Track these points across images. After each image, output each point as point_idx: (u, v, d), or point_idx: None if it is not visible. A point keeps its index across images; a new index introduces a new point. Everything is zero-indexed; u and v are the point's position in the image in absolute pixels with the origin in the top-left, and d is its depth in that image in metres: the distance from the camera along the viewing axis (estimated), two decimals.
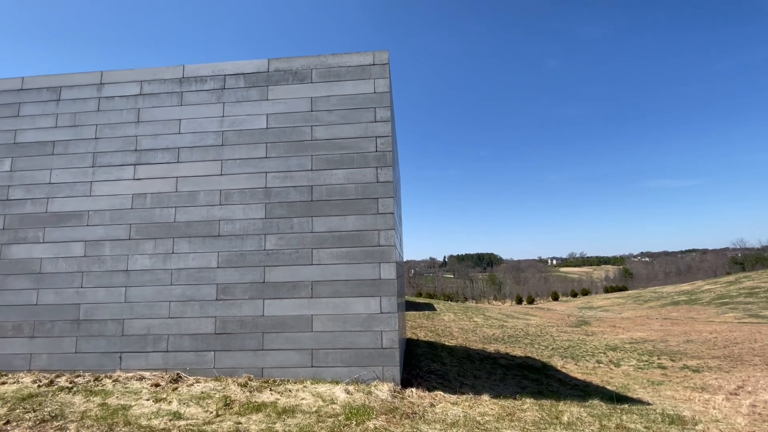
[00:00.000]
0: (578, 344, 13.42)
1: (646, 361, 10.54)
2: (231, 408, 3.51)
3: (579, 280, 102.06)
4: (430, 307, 22.27)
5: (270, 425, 3.15)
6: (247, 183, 4.80)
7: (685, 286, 39.86)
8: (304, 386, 4.09)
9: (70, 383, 4.22)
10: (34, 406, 3.57)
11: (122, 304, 4.69)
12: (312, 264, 4.57)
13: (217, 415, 3.36)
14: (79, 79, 5.24)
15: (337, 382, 4.17)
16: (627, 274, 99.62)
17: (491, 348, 11.10)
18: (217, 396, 3.78)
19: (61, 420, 3.24)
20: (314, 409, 3.51)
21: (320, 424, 3.19)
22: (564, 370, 8.67)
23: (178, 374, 4.39)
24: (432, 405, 3.82)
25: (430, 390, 4.39)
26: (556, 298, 66.36)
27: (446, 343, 10.54)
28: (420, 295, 59.58)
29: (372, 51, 4.92)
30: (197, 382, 4.23)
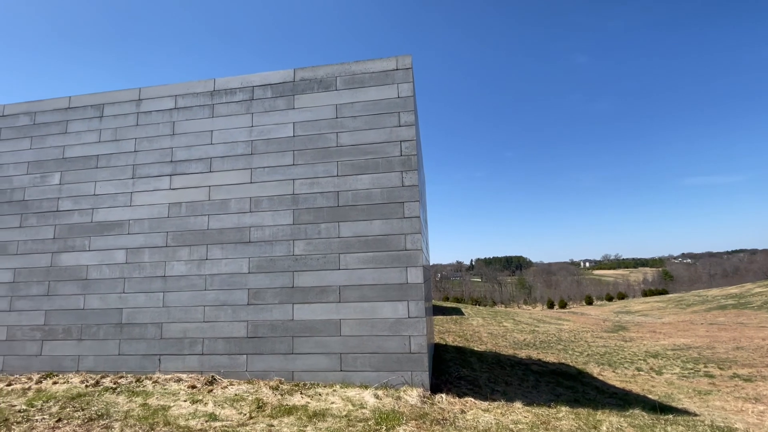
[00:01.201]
0: (615, 350, 12.83)
1: (692, 369, 9.92)
2: (263, 410, 3.59)
3: (614, 283, 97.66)
4: (457, 312, 21.95)
5: (301, 428, 3.20)
6: (275, 190, 4.93)
7: (733, 289, 37.28)
8: (334, 390, 4.12)
9: (114, 384, 4.45)
10: (83, 405, 3.78)
11: (160, 309, 4.90)
12: (339, 269, 4.62)
13: (251, 418, 3.44)
14: (120, 96, 5.56)
15: (366, 387, 4.18)
16: (667, 277, 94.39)
17: (522, 354, 10.79)
18: (250, 398, 3.87)
19: (106, 419, 3.42)
20: (344, 413, 3.53)
21: (350, 428, 3.20)
22: (601, 378, 8.31)
23: (213, 376, 4.54)
24: (462, 411, 3.76)
25: (460, 396, 4.32)
26: (590, 302, 63.77)
27: (475, 349, 10.35)
28: (447, 299, 58.83)
29: (395, 56, 4.95)
30: (231, 384, 4.35)
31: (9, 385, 4.58)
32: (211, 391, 4.16)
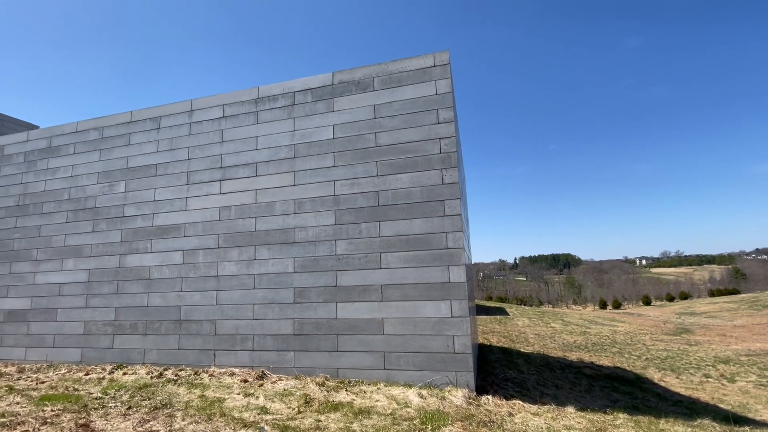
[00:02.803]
0: (679, 355, 11.85)
1: None
2: (311, 406, 3.70)
3: (675, 282, 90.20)
4: (501, 312, 21.33)
5: (347, 424, 3.25)
6: (317, 192, 5.06)
7: None
8: (378, 388, 4.16)
9: (175, 376, 4.78)
10: (149, 394, 4.11)
11: (214, 307, 5.21)
12: (381, 268, 4.65)
13: (299, 412, 3.55)
14: (174, 108, 5.97)
15: (410, 386, 4.18)
16: (738, 275, 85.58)
17: (573, 356, 10.27)
18: (297, 394, 4.00)
19: (169, 408, 3.68)
20: (389, 411, 3.55)
21: (396, 426, 3.22)
22: (663, 384, 7.71)
23: (263, 371, 4.75)
24: (510, 414, 3.65)
25: (507, 398, 4.20)
26: (647, 302, 59.41)
27: (522, 350, 9.99)
28: (490, 298, 57.37)
29: (432, 53, 4.90)
30: (279, 379, 4.53)
31: (87, 374, 5.07)
32: (262, 385, 4.36)
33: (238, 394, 4.07)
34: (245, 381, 4.48)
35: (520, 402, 4.09)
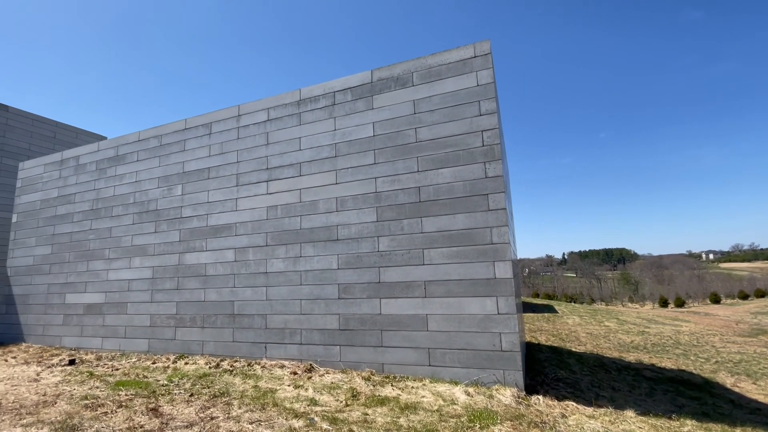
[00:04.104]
0: (755, 359, 10.72)
1: None
2: (358, 399, 3.77)
3: (750, 278, 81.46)
4: (549, 309, 20.46)
5: (394, 419, 3.28)
6: (358, 189, 5.12)
7: None
8: (423, 384, 4.15)
9: (231, 367, 5.07)
10: (208, 383, 4.39)
11: (264, 302, 5.45)
12: (423, 264, 4.63)
13: (347, 405, 3.64)
14: (224, 114, 6.30)
15: (456, 383, 4.13)
16: None
17: (630, 357, 9.63)
18: (344, 387, 4.10)
19: (227, 397, 3.92)
20: (435, 407, 3.53)
21: (443, 423, 3.19)
22: (737, 390, 7.02)
23: (310, 365, 4.91)
24: (563, 416, 3.49)
25: (559, 399, 4.02)
26: (716, 300, 54.33)
27: (573, 349, 9.53)
28: (537, 295, 55.23)
29: (472, 43, 4.77)
30: (327, 373, 4.66)
31: (153, 363, 5.52)
32: (310, 378, 4.51)
33: (289, 385, 4.24)
34: (294, 373, 4.65)
35: (574, 403, 3.91)
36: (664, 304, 54.01)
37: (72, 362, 5.72)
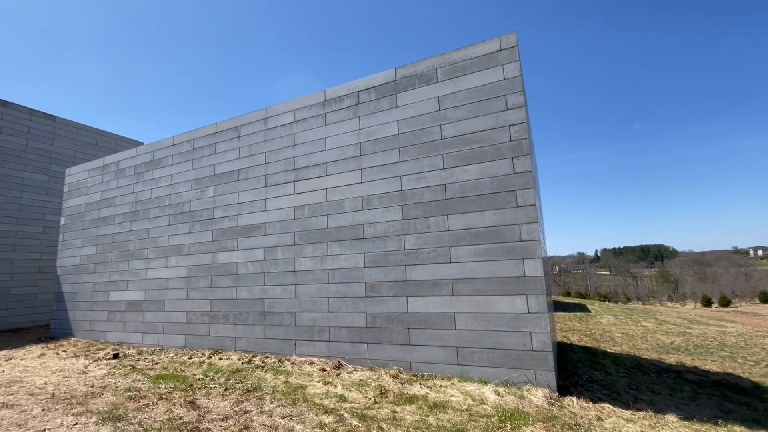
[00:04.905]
0: None
1: None
2: (386, 397, 3.79)
3: None
4: (582, 308, 19.77)
5: (423, 417, 3.28)
6: (384, 188, 5.13)
7: None
8: (452, 383, 4.12)
9: (262, 363, 5.22)
10: (241, 378, 4.54)
11: (293, 300, 5.57)
12: (450, 262, 4.58)
13: (375, 402, 3.66)
14: (252, 117, 6.48)
15: (485, 383, 4.07)
16: None
17: (671, 359, 9.16)
18: (373, 384, 4.13)
19: (259, 392, 4.03)
20: (464, 407, 3.50)
21: (473, 422, 3.16)
22: None
23: (339, 362, 4.97)
24: (599, 419, 3.37)
25: (594, 401, 3.89)
26: (766, 300, 50.78)
27: (608, 350, 9.17)
28: (568, 294, 53.52)
29: (497, 36, 4.67)
30: (355, 370, 4.71)
31: (190, 358, 5.76)
32: (339, 375, 4.57)
33: (318, 382, 4.32)
34: (323, 370, 4.73)
35: (610, 406, 3.76)
36: (707, 303, 51.05)
37: (116, 356, 6.06)
